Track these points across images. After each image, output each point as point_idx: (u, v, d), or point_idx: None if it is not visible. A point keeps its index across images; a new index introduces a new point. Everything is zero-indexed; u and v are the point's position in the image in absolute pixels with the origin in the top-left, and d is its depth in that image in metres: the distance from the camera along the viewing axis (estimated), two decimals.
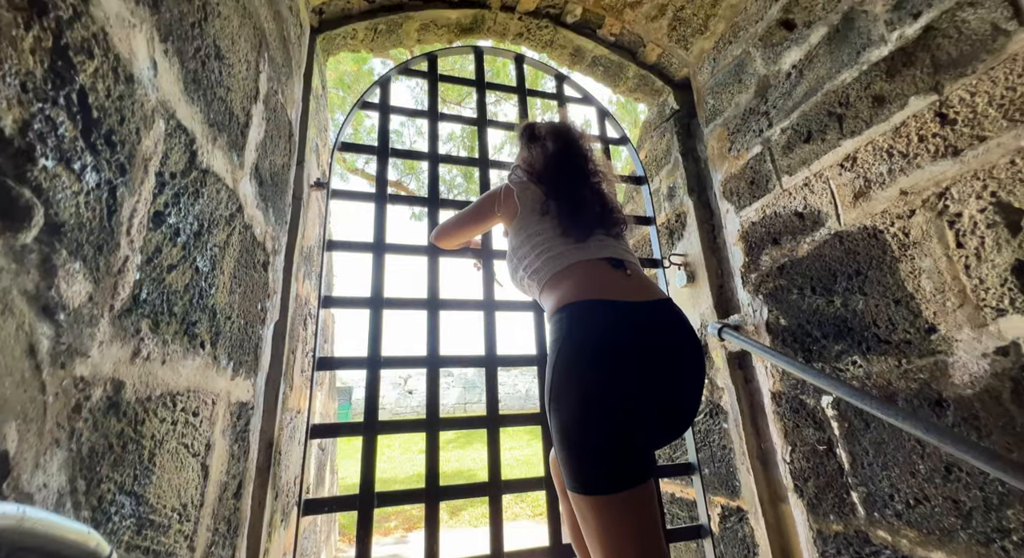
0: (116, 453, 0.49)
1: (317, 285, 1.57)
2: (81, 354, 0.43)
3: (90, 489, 0.45)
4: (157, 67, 0.54)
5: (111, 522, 0.49)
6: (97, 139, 0.44)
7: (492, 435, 1.45)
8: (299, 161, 1.39)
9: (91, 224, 0.43)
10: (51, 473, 0.39)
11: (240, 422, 0.92)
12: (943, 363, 0.90)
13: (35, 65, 0.36)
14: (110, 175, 0.46)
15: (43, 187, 0.37)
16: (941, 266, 0.91)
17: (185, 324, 0.65)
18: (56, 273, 0.39)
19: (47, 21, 0.38)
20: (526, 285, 1.10)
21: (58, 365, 0.40)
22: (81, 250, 0.42)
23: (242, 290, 0.89)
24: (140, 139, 0.51)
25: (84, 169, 0.42)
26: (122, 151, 0.48)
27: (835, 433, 1.13)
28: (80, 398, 0.43)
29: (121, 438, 0.50)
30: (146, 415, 0.55)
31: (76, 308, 0.42)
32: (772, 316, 1.34)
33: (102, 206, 0.45)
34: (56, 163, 0.39)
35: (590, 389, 0.81)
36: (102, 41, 0.44)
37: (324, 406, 2.39)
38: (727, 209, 1.57)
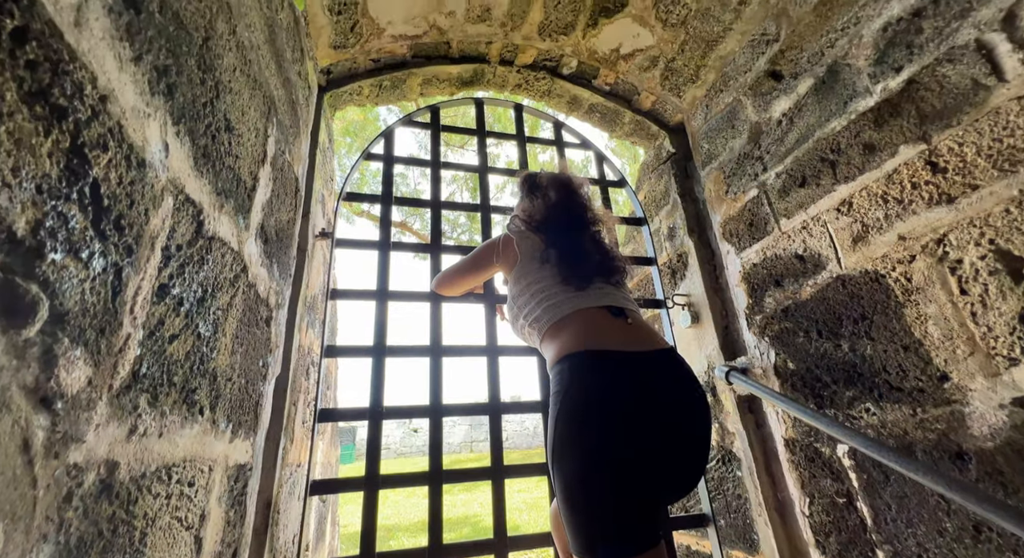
0: (106, 539, 0.48)
1: (320, 333, 1.57)
2: (76, 440, 0.42)
3: None
4: (168, 148, 0.57)
5: None
6: (106, 226, 0.45)
7: (497, 487, 1.40)
8: (304, 213, 1.43)
9: (95, 308, 0.44)
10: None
11: (237, 485, 0.89)
12: (959, 413, 0.87)
13: (51, 167, 0.38)
14: (116, 258, 0.47)
15: (50, 280, 0.38)
16: (947, 313, 0.90)
17: (184, 392, 0.64)
18: (56, 363, 0.39)
19: (66, 125, 0.40)
20: (527, 333, 1.10)
21: (51, 456, 0.39)
22: (83, 335, 0.43)
23: (244, 349, 0.89)
24: (148, 219, 0.53)
25: (92, 256, 0.43)
26: (130, 233, 0.49)
27: (854, 485, 1.08)
28: (72, 486, 0.42)
29: (112, 522, 0.49)
30: (139, 493, 0.54)
31: (74, 395, 0.42)
32: (780, 359, 1.32)
33: (107, 290, 0.46)
34: (65, 255, 0.40)
35: (593, 446, 0.79)
36: (117, 134, 0.47)
37: (326, 455, 2.34)
38: (728, 250, 1.57)
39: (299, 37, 1.31)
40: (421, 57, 1.85)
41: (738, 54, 1.54)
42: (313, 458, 1.47)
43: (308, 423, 1.51)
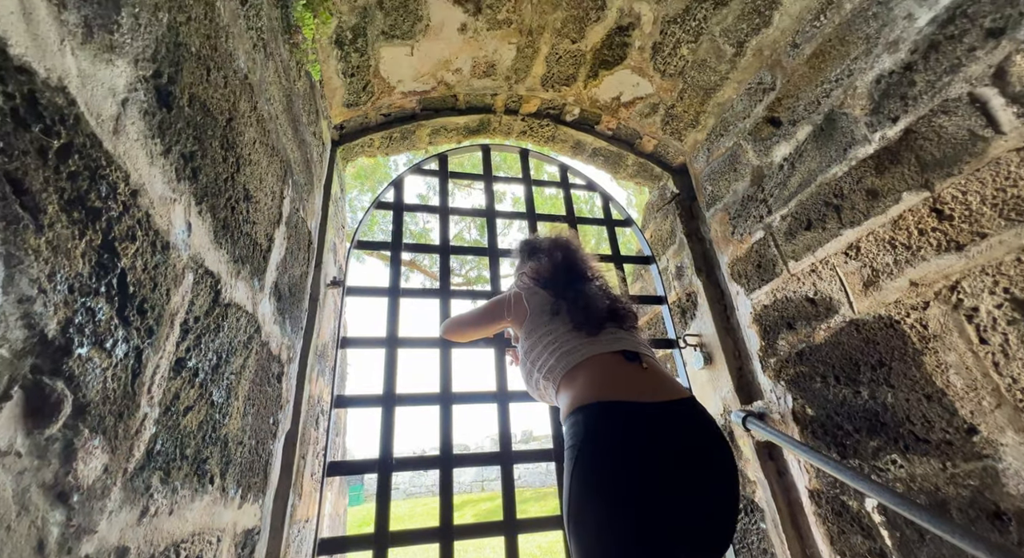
0: None
1: (330, 381, 1.57)
2: (89, 532, 0.42)
3: None
4: (191, 227, 0.60)
5: None
6: (130, 312, 0.47)
7: (510, 542, 1.35)
8: (317, 263, 1.46)
9: (115, 394, 0.45)
10: None
11: (244, 552, 0.87)
12: (993, 469, 0.83)
13: (84, 266, 0.40)
14: (138, 341, 0.49)
15: (75, 374, 0.40)
16: (968, 362, 0.87)
17: (196, 463, 0.64)
18: (76, 456, 0.40)
19: (99, 224, 0.42)
20: (542, 387, 1.09)
21: (64, 552, 0.39)
22: (102, 424, 0.43)
23: (255, 410, 0.89)
24: (169, 298, 0.54)
25: (115, 344, 0.45)
26: (151, 315, 0.51)
27: (887, 543, 1.02)
28: None
29: None
30: None
31: (90, 485, 0.42)
32: (798, 405, 1.28)
33: (127, 374, 0.47)
34: (90, 348, 0.41)
35: (609, 514, 0.76)
36: (144, 224, 0.49)
37: (334, 505, 2.28)
38: (737, 291, 1.57)
39: (315, 100, 1.39)
40: (430, 110, 1.94)
41: (736, 101, 1.59)
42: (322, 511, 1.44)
43: (317, 475, 1.48)
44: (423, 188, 7.41)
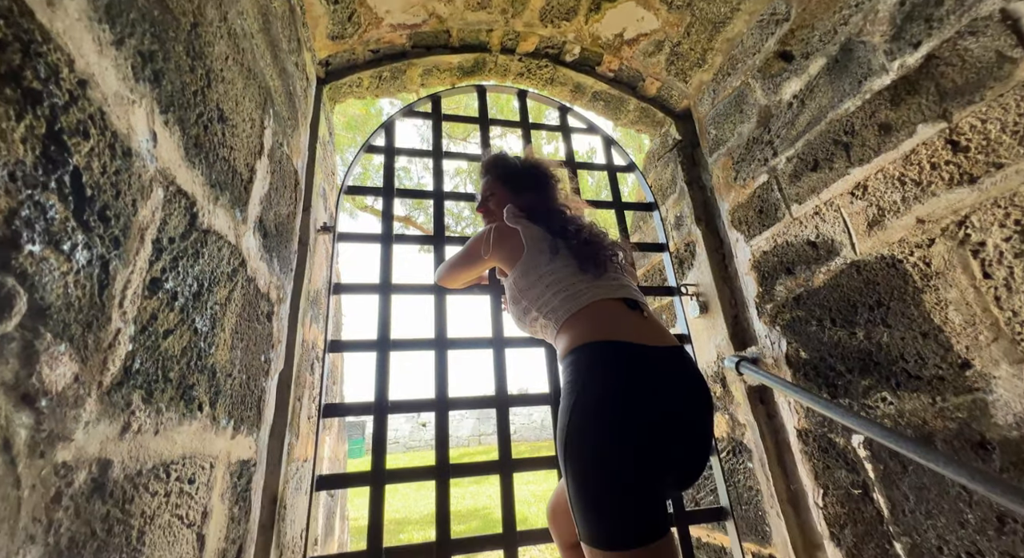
0: (100, 539, 0.47)
1: (324, 328, 1.56)
2: (64, 439, 0.41)
3: None
4: (157, 138, 0.55)
5: None
6: (90, 216, 0.44)
7: (506, 481, 1.39)
8: (305, 207, 1.41)
9: (80, 302, 0.43)
10: None
11: (241, 481, 0.88)
12: (982, 401, 0.84)
13: (26, 153, 0.36)
14: (103, 250, 0.45)
15: (28, 273, 0.37)
16: (969, 297, 0.86)
17: (182, 388, 0.63)
18: (38, 359, 0.38)
19: (40, 110, 0.38)
20: (540, 325, 1.07)
21: (36, 455, 0.38)
22: (68, 330, 0.41)
23: (244, 344, 0.88)
24: (136, 210, 0.51)
25: (74, 248, 0.41)
26: (116, 225, 0.47)
27: (870, 476, 1.05)
28: (61, 486, 0.41)
29: (106, 521, 0.48)
30: (135, 492, 0.53)
31: (60, 392, 0.40)
32: (791, 348, 1.29)
33: (93, 283, 0.44)
34: (44, 247, 0.38)
35: (608, 438, 0.78)
36: (99, 121, 0.45)
37: (333, 450, 2.34)
38: (737, 238, 1.54)
39: (295, 27, 1.29)
40: (421, 47, 1.82)
41: (746, 36, 1.50)
42: (320, 453, 1.47)
43: (313, 418, 1.50)
44: (416, 140, 7.16)
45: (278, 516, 1.10)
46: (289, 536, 1.23)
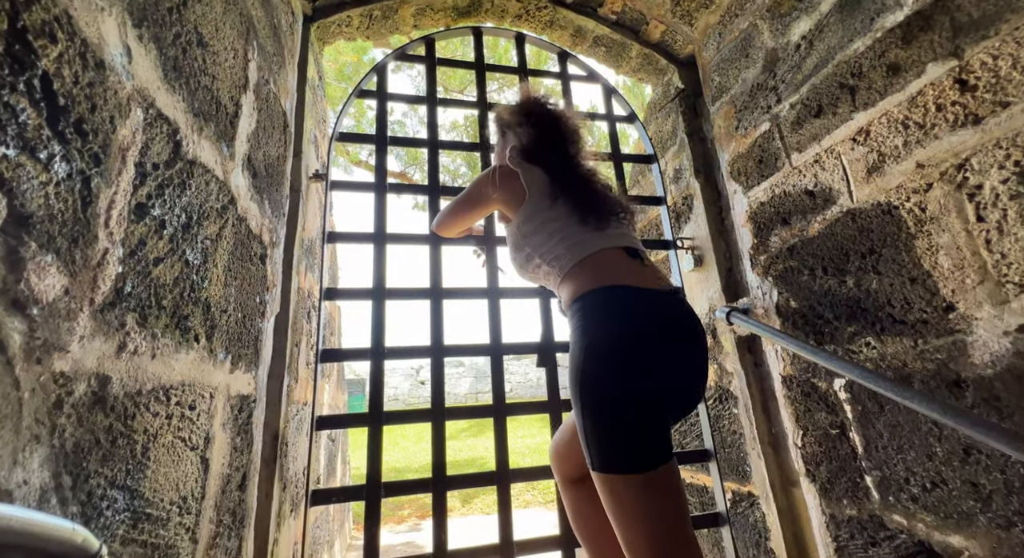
0: (105, 448, 0.49)
1: (319, 277, 1.56)
2: (60, 349, 0.42)
3: (77, 485, 0.45)
4: (131, 53, 0.53)
5: (103, 517, 0.48)
6: (66, 127, 0.42)
7: (499, 424, 1.44)
8: (296, 152, 1.38)
9: (63, 216, 0.42)
10: (31, 470, 0.39)
11: (242, 415, 0.92)
12: (962, 343, 0.86)
13: None
14: (83, 165, 0.44)
15: (4, 177, 0.36)
16: (960, 241, 0.86)
17: (176, 318, 0.64)
18: (25, 266, 0.38)
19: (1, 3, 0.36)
20: (543, 273, 1.07)
21: (33, 361, 0.39)
22: (53, 243, 0.41)
23: (238, 283, 0.88)
24: (115, 128, 0.49)
25: (52, 159, 0.41)
26: (95, 140, 0.46)
27: (848, 416, 1.10)
28: (61, 394, 0.42)
29: (110, 433, 0.50)
30: (136, 410, 0.54)
31: (51, 302, 0.41)
32: (782, 298, 1.30)
33: (75, 198, 0.44)
34: (19, 152, 0.37)
35: (621, 375, 0.82)
36: (66, 24, 0.42)
37: (333, 398, 2.42)
38: (735, 189, 1.52)
39: None
40: None
41: None
42: (319, 398, 1.51)
43: (312, 365, 1.54)
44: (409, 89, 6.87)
45: (280, 452, 1.14)
46: (292, 472, 1.29)
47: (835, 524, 1.13)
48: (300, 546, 1.29)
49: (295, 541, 1.30)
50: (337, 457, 2.49)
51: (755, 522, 1.41)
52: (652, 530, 0.77)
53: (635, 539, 0.78)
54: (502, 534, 1.31)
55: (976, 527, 0.84)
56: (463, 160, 6.83)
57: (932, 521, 0.91)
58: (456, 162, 6.93)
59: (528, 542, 1.35)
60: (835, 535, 1.13)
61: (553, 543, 1.35)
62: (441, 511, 1.29)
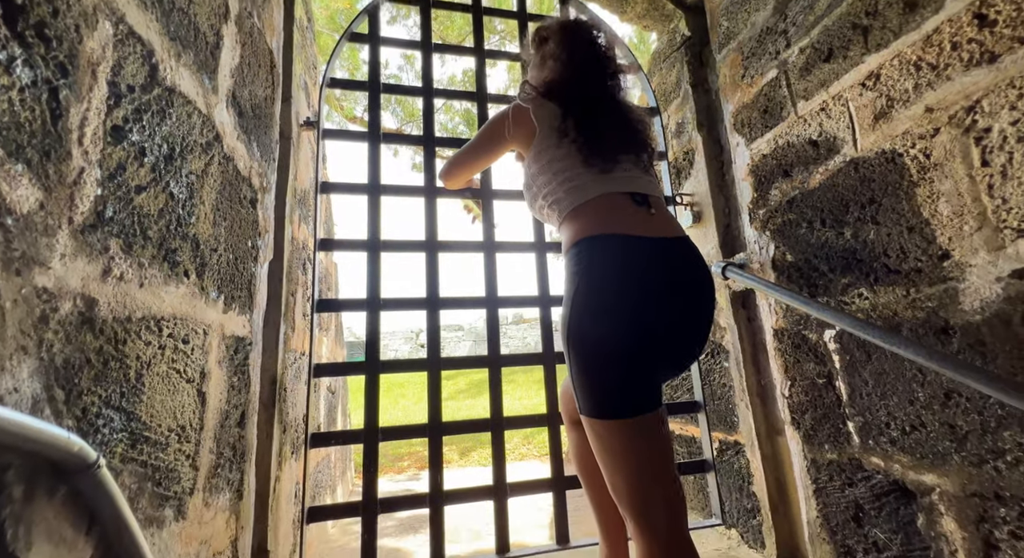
0: (97, 369, 0.49)
1: (313, 230, 1.55)
2: (39, 264, 0.41)
3: (71, 400, 0.45)
4: None
5: (100, 433, 0.50)
6: (26, 30, 0.40)
7: (493, 374, 1.47)
8: (285, 97, 1.33)
9: (31, 126, 0.40)
10: (21, 379, 0.39)
11: (238, 356, 0.93)
12: (953, 290, 0.86)
13: None
14: (48, 74, 0.42)
15: None
16: (962, 188, 0.85)
17: (163, 250, 0.63)
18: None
19: None
20: (546, 214, 1.03)
21: (12, 272, 0.38)
22: (22, 152, 0.40)
23: (228, 224, 0.87)
24: (82, 38, 0.47)
25: (13, 62, 0.39)
26: (60, 49, 0.44)
27: (836, 366, 1.12)
28: (46, 309, 0.42)
29: (101, 355, 0.50)
30: (127, 336, 0.55)
31: (25, 214, 0.40)
32: (779, 252, 1.30)
33: (42, 108, 0.42)
34: None
35: (615, 319, 0.81)
36: None
37: (332, 352, 2.45)
38: (737, 142, 1.48)
39: None
40: None
41: None
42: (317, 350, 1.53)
43: (309, 316, 1.55)
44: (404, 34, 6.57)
45: (279, 397, 1.17)
46: (291, 417, 1.33)
47: (816, 468, 1.18)
48: (302, 485, 1.34)
49: (296, 481, 1.35)
50: (337, 409, 2.56)
51: (739, 468, 1.47)
52: (633, 473, 0.79)
53: (617, 481, 0.80)
54: (496, 476, 1.37)
55: (949, 466, 0.87)
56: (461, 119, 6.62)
57: (908, 461, 0.95)
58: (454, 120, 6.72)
59: (521, 484, 1.41)
60: (815, 478, 1.18)
61: (545, 485, 1.42)
62: (437, 455, 1.34)
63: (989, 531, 0.81)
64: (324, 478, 2.10)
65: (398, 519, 1.99)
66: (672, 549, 0.77)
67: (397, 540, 1.86)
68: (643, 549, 0.78)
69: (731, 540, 1.49)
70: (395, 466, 4.22)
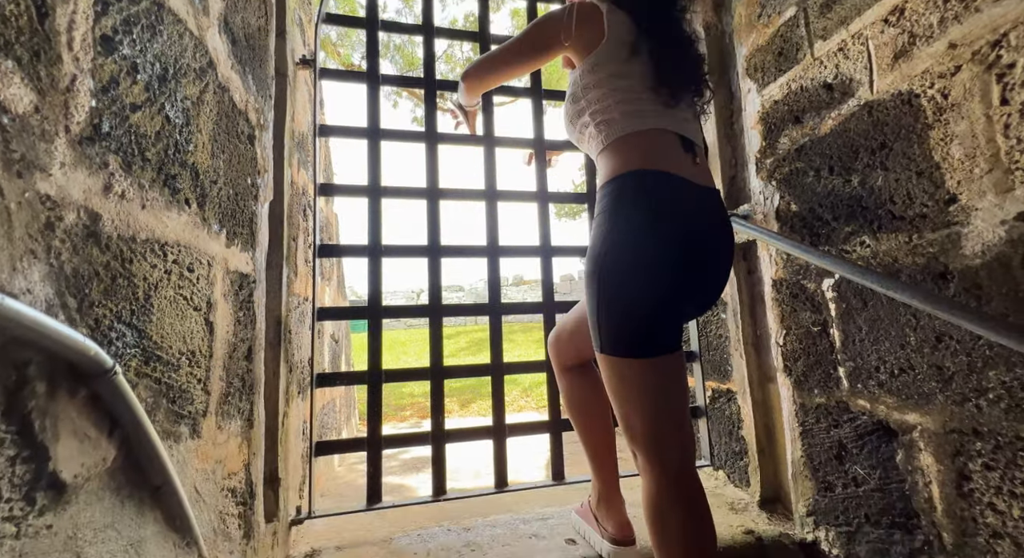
0: (105, 283, 0.50)
1: (313, 175, 1.52)
2: (40, 169, 0.41)
3: (83, 309, 0.47)
4: None
5: (114, 346, 0.51)
6: None
7: (494, 322, 1.50)
8: (280, 31, 1.27)
9: (17, 21, 0.39)
10: (33, 281, 0.40)
11: (243, 292, 0.94)
12: (956, 235, 0.86)
13: None
14: None
15: None
16: (977, 129, 0.83)
17: (163, 175, 0.63)
18: None
19: None
20: (588, 135, 0.96)
21: (13, 173, 0.38)
22: (12, 49, 0.38)
23: (226, 158, 0.85)
24: None
25: None
26: None
27: (831, 314, 1.13)
28: (51, 217, 0.43)
29: (108, 270, 0.51)
30: (133, 255, 0.55)
31: (21, 115, 0.39)
32: (783, 202, 1.28)
33: (27, 2, 0.40)
34: None
35: (659, 259, 0.82)
36: None
37: (334, 300, 2.49)
38: (748, 88, 1.43)
39: None
40: None
41: None
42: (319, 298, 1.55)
43: (311, 263, 1.56)
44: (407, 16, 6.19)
45: (284, 338, 1.19)
46: (297, 358, 1.36)
47: (804, 412, 1.22)
48: (309, 423, 1.40)
49: (304, 419, 1.41)
50: (341, 357, 2.63)
51: (731, 414, 1.52)
52: (652, 412, 0.81)
53: (633, 419, 0.83)
54: (495, 418, 1.43)
55: (933, 405, 0.90)
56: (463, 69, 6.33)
57: (893, 402, 0.98)
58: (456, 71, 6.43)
59: (519, 425, 1.47)
60: (802, 421, 1.23)
61: (542, 427, 1.48)
62: (439, 397, 1.39)
63: (964, 464, 0.85)
64: (330, 421, 2.19)
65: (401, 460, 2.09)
66: (682, 483, 0.81)
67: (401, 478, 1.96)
68: (653, 483, 0.82)
69: (718, 481, 1.57)
70: (397, 415, 4.39)
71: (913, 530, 0.95)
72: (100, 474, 0.48)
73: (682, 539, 0.78)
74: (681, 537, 0.78)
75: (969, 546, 0.85)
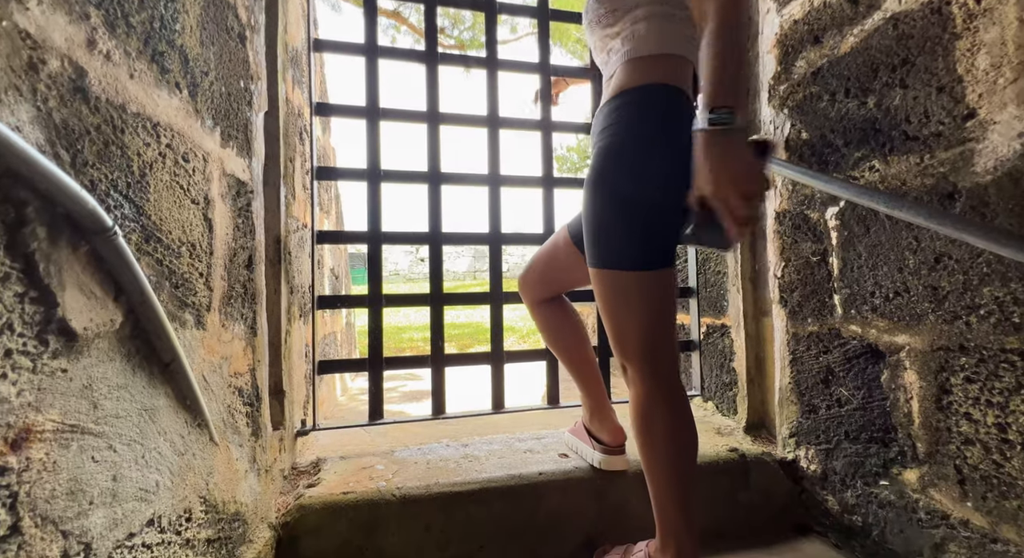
0: (98, 146, 0.49)
1: (308, 97, 1.47)
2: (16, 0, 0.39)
3: (77, 166, 0.45)
4: None
5: (112, 213, 0.51)
6: None
7: (494, 251, 1.49)
8: None
9: None
10: (22, 120, 0.39)
11: (240, 199, 0.93)
12: (969, 151, 0.84)
13: None
14: None
15: None
16: (1008, 35, 0.79)
17: (150, 48, 0.59)
18: None
19: None
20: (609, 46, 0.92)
21: None
22: None
23: (216, 51, 0.81)
24: None
25: None
26: None
27: (832, 243, 1.13)
28: (33, 57, 0.41)
29: (100, 133, 0.49)
30: (124, 126, 0.53)
31: None
32: (794, 131, 1.25)
33: None
34: None
35: (672, 174, 0.80)
36: None
37: None
38: (768, 8, 1.35)
39: None
40: None
41: None
42: (319, 224, 1.54)
43: (309, 189, 1.53)
44: None
45: (284, 258, 1.19)
46: (298, 282, 1.37)
47: (795, 340, 1.25)
48: (311, 346, 1.43)
49: (306, 342, 1.44)
50: (340, 291, 2.65)
51: (723, 348, 1.56)
52: (647, 322, 0.83)
53: (628, 331, 0.85)
54: (493, 345, 1.46)
55: (923, 325, 0.92)
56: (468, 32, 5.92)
57: (884, 326, 1.00)
58: None
59: (516, 352, 1.50)
60: (793, 349, 1.26)
61: (539, 355, 1.51)
62: (438, 322, 1.41)
63: (946, 379, 0.88)
64: (331, 352, 2.24)
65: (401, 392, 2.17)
66: (675, 390, 0.85)
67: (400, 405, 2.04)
68: (645, 391, 0.84)
69: (707, 410, 1.64)
70: None
71: (889, 443, 1.00)
72: (109, 335, 0.49)
73: (668, 437, 0.82)
74: (667, 435, 0.82)
75: (940, 453, 0.90)
